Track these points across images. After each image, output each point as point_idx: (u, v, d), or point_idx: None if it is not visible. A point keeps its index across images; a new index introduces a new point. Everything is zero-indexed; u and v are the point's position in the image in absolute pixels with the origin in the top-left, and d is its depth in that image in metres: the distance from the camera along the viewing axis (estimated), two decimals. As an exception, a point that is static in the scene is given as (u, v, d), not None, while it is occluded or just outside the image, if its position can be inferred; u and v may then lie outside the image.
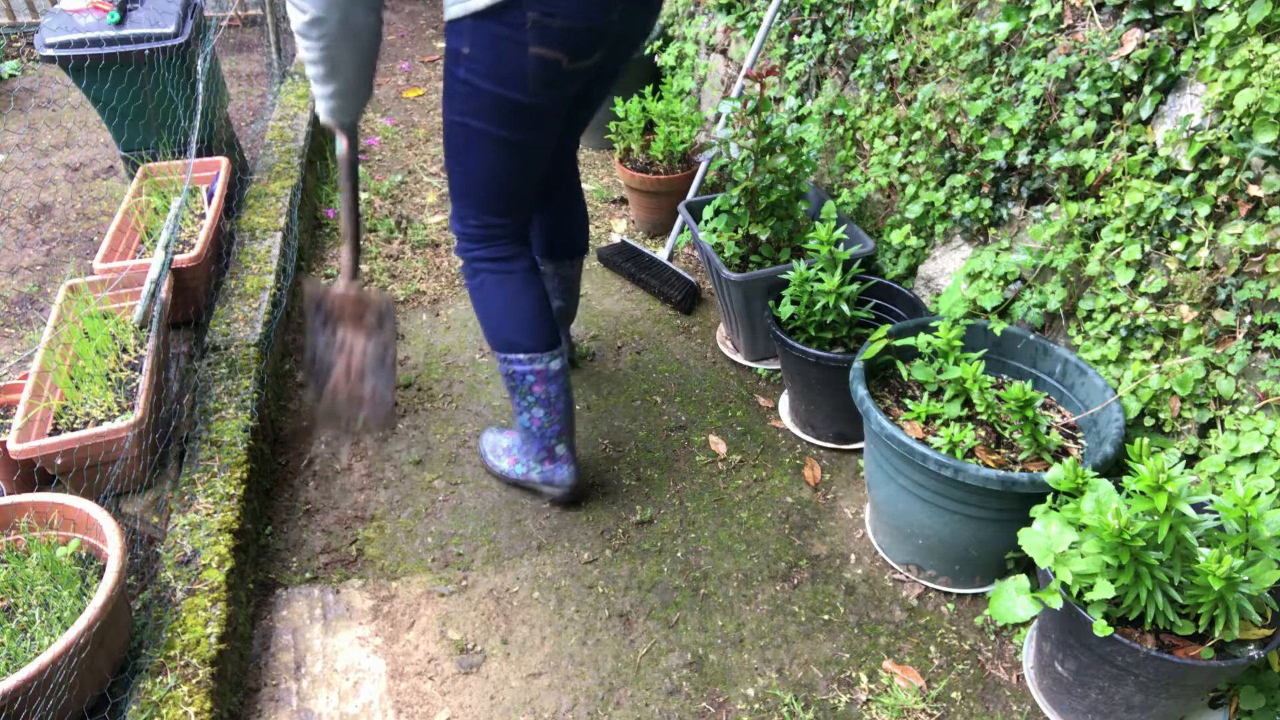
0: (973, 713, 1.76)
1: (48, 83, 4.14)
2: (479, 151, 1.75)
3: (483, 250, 1.91)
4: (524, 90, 1.63)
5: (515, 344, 1.93)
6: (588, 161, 3.76)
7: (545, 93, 1.66)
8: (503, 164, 1.77)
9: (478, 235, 1.90)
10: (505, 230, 1.90)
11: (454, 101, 1.71)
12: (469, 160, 1.78)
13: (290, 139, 3.32)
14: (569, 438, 2.08)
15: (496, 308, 1.94)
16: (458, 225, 1.91)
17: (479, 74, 1.63)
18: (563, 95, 1.71)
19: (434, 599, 1.95)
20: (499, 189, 1.82)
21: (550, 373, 1.96)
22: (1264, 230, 1.57)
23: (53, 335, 2.05)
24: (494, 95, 1.65)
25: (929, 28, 2.26)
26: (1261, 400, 1.62)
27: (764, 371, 2.61)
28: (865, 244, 2.39)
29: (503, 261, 1.92)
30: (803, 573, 2.03)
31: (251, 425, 2.12)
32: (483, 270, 1.92)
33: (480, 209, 1.86)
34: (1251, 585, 1.40)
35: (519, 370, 1.95)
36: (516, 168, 1.80)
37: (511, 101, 1.65)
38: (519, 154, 1.77)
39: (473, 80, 1.64)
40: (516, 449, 2.18)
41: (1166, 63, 1.71)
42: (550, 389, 1.98)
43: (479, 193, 1.83)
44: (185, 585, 1.75)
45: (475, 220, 1.88)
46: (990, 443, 1.86)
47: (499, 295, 1.93)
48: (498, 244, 1.91)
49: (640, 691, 1.78)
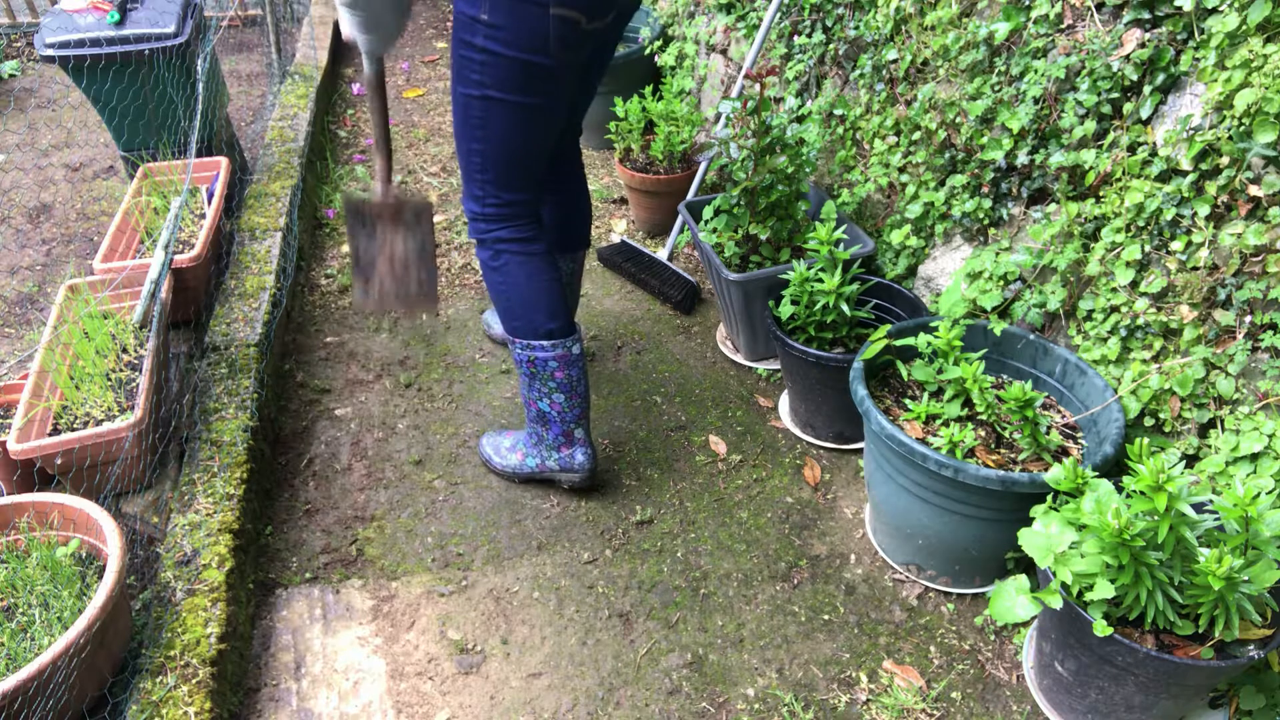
0: (973, 713, 1.76)
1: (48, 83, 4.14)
2: (499, 121, 1.76)
3: (505, 230, 1.91)
4: (545, 53, 1.66)
5: (540, 328, 1.93)
6: (588, 161, 3.76)
7: (565, 54, 1.69)
8: (524, 131, 1.79)
9: (499, 215, 1.90)
10: (525, 208, 1.91)
11: (468, 74, 1.72)
12: (490, 132, 1.78)
13: (290, 139, 3.32)
14: (587, 421, 2.09)
15: (521, 289, 1.93)
16: (475, 206, 1.90)
17: (501, 40, 1.65)
18: (578, 59, 1.74)
19: (434, 599, 1.95)
20: (520, 160, 1.83)
21: (572, 356, 1.97)
22: (1264, 230, 1.57)
23: (53, 335, 2.05)
24: (515, 60, 1.67)
25: (929, 28, 2.26)
26: (1261, 400, 1.62)
27: (764, 371, 2.61)
28: (865, 244, 2.39)
29: (525, 242, 1.92)
30: (803, 573, 2.03)
31: (251, 425, 2.12)
32: (505, 250, 1.92)
33: (500, 185, 1.86)
34: (1251, 585, 1.40)
35: (541, 357, 1.95)
36: (536, 135, 1.81)
37: (534, 65, 1.68)
38: (539, 120, 1.78)
39: (492, 47, 1.66)
40: (523, 444, 2.18)
41: (1166, 63, 1.71)
42: (572, 373, 1.99)
43: (500, 166, 1.83)
44: (185, 585, 1.75)
45: (495, 199, 1.88)
46: (990, 443, 1.86)
47: (523, 275, 1.92)
48: (519, 223, 1.91)
49: (640, 691, 1.78)
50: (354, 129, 3.95)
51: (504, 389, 2.53)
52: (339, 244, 3.13)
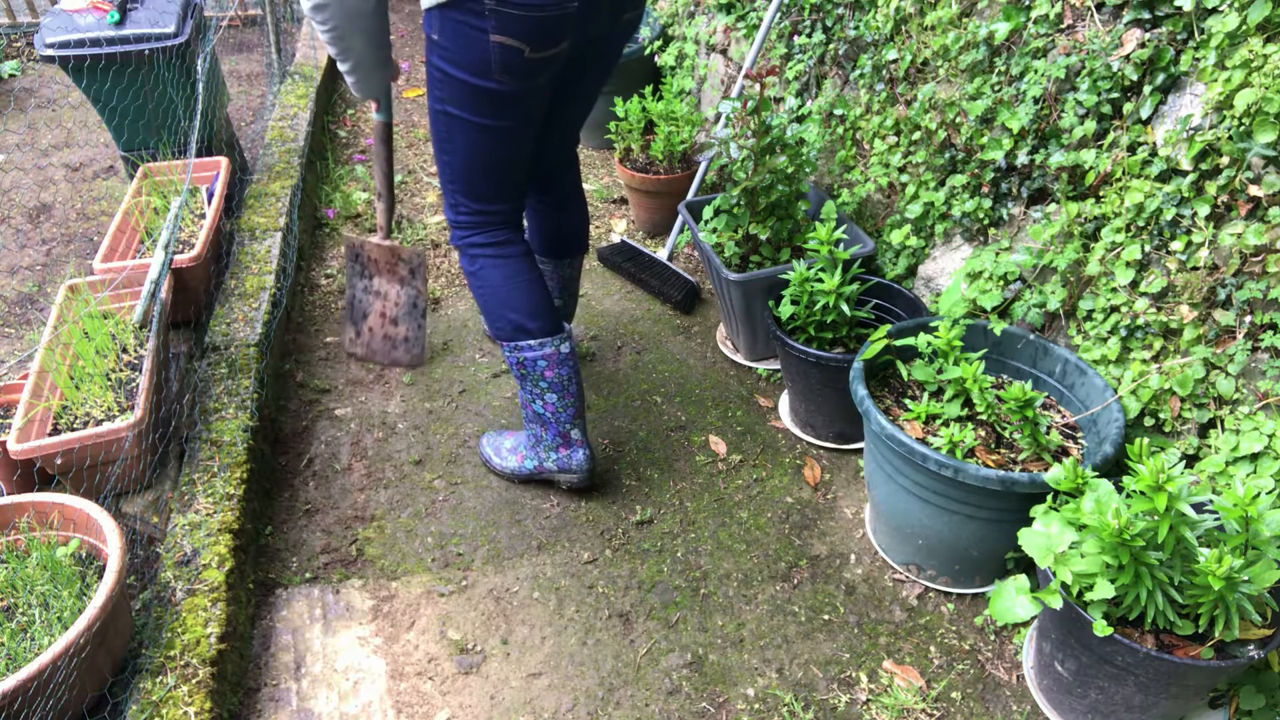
0: (973, 713, 1.76)
1: (48, 83, 4.14)
2: (461, 137, 1.78)
3: (479, 236, 1.93)
4: (489, 78, 1.66)
5: (522, 328, 1.93)
6: (588, 161, 3.76)
7: (512, 80, 1.68)
8: (485, 149, 1.80)
9: (472, 222, 1.92)
10: (498, 216, 1.92)
11: (433, 89, 1.75)
12: (453, 147, 1.81)
13: (290, 139, 3.32)
14: (583, 421, 2.08)
15: (499, 292, 1.94)
16: (451, 214, 1.93)
17: (449, 61, 1.67)
18: (533, 83, 1.73)
19: (434, 599, 1.95)
20: (485, 174, 1.85)
21: (561, 355, 1.97)
22: (1264, 230, 1.57)
23: (53, 335, 2.05)
24: (463, 83, 1.68)
25: (929, 28, 2.26)
26: (1261, 400, 1.62)
27: (764, 371, 2.61)
28: (865, 244, 2.39)
29: (499, 245, 1.93)
30: (803, 573, 2.03)
31: (251, 425, 2.12)
32: (480, 255, 1.93)
33: (471, 195, 1.88)
34: (1251, 585, 1.40)
35: (529, 357, 1.95)
36: (499, 153, 1.82)
37: (480, 88, 1.68)
38: (499, 140, 1.79)
39: (444, 68, 1.68)
40: (523, 445, 2.18)
41: (1166, 63, 1.71)
42: (562, 372, 1.98)
43: (467, 178, 1.85)
44: (185, 585, 1.75)
45: (467, 208, 1.90)
46: (990, 443, 1.86)
47: (499, 277, 1.93)
48: (492, 229, 1.92)
49: (640, 691, 1.78)
50: (354, 129, 3.95)
51: (504, 389, 2.53)
52: (339, 244, 3.13)
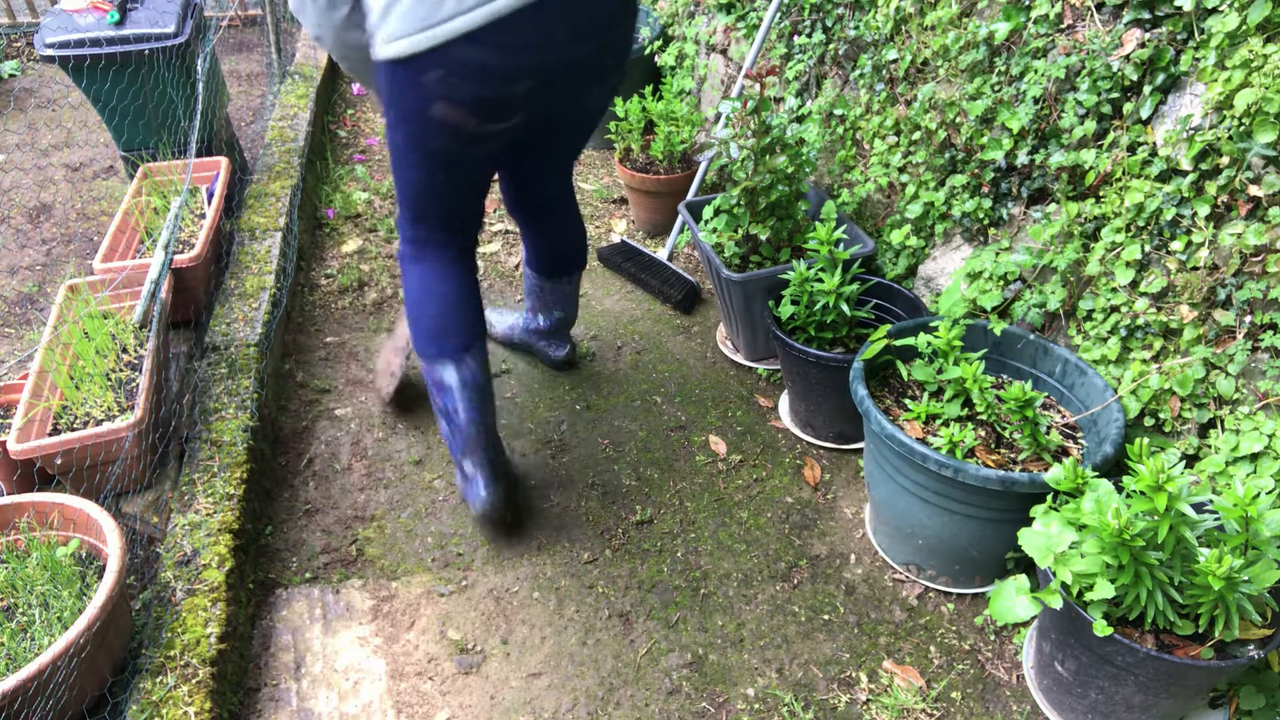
0: (973, 713, 1.76)
1: (48, 83, 4.14)
2: (406, 171, 1.74)
3: (411, 247, 1.90)
4: (434, 139, 1.62)
5: (421, 347, 1.89)
6: (588, 161, 3.76)
7: (457, 144, 1.64)
8: (429, 188, 1.77)
9: (414, 239, 1.88)
10: (437, 248, 1.88)
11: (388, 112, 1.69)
12: (401, 173, 1.76)
13: (290, 139, 3.32)
14: (482, 458, 1.94)
15: (412, 303, 1.90)
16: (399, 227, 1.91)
17: (395, 114, 1.62)
18: (480, 148, 1.68)
19: (434, 599, 1.95)
20: (430, 205, 1.81)
21: (444, 385, 1.88)
22: (1264, 230, 1.57)
23: (53, 335, 2.05)
24: (408, 135, 1.64)
25: (929, 28, 2.26)
26: (1261, 400, 1.62)
27: (764, 371, 2.61)
28: (865, 244, 2.39)
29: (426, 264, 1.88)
30: (803, 573, 2.03)
31: (251, 425, 2.12)
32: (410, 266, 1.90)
33: (413, 219, 1.85)
34: (1251, 585, 1.40)
35: (425, 376, 1.92)
36: (445, 193, 1.79)
37: (424, 147, 1.65)
38: (445, 182, 1.76)
39: (391, 116, 1.64)
40: None
41: (1166, 63, 1.71)
42: (447, 403, 1.89)
43: (411, 204, 1.82)
44: (185, 585, 1.75)
45: (410, 229, 1.87)
46: (990, 443, 1.86)
47: (417, 287, 1.89)
48: (431, 247, 1.88)
49: (640, 691, 1.78)
50: (354, 129, 3.95)
51: (503, 389, 2.53)
52: (339, 244, 3.13)
